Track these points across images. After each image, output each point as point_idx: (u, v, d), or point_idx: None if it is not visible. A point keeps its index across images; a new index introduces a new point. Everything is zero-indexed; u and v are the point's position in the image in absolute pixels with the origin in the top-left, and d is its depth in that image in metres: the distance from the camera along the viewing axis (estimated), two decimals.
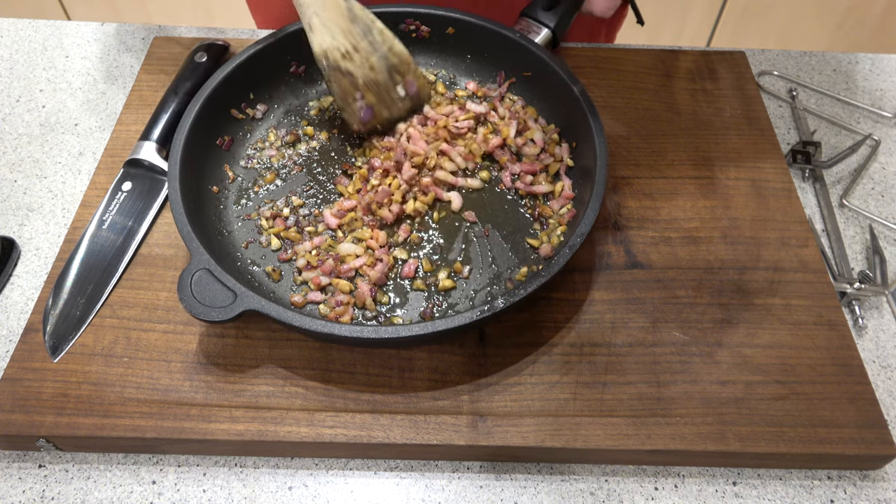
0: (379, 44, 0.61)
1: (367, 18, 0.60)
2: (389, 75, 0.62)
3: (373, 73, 0.60)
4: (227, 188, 0.63)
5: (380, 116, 0.63)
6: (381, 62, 0.61)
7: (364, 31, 0.60)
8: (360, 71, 0.60)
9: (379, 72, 0.61)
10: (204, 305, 0.50)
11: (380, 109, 0.62)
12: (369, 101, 0.61)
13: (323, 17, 0.59)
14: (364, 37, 0.60)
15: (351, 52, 0.59)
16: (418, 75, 0.64)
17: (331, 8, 0.59)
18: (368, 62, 0.60)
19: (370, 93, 0.61)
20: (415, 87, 0.64)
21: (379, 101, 0.62)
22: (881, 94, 0.78)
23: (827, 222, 0.67)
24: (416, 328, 0.50)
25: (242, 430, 0.51)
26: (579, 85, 0.62)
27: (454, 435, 0.51)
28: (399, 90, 0.62)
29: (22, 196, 0.67)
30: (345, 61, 0.59)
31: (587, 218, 0.55)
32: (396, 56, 0.62)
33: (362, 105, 0.61)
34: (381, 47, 0.61)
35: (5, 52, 0.80)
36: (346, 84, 0.60)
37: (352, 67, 0.59)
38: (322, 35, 0.59)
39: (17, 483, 0.52)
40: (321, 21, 0.59)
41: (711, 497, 0.52)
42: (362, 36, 0.60)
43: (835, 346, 0.56)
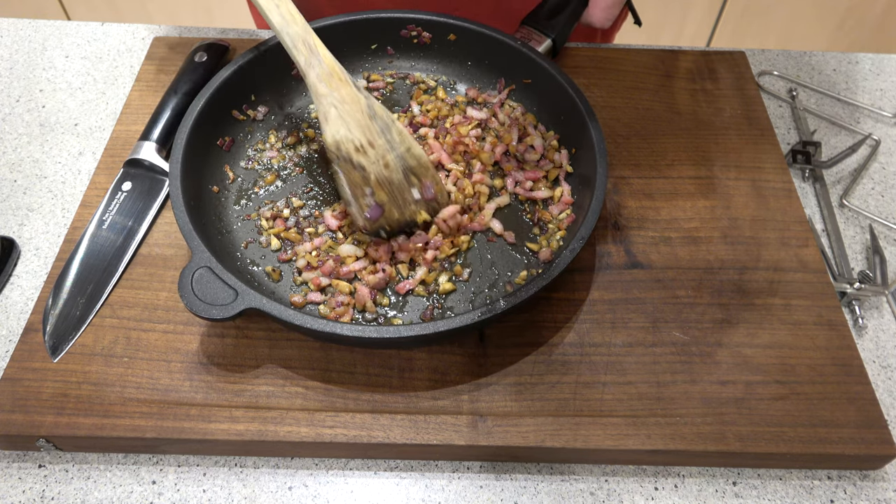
0: (397, 143, 0.58)
1: (387, 118, 0.58)
2: (405, 176, 0.58)
3: (387, 171, 0.57)
4: (228, 188, 0.63)
5: (390, 216, 0.58)
6: (397, 161, 0.57)
7: (383, 128, 0.57)
8: (373, 167, 0.56)
9: (394, 171, 0.57)
10: (205, 303, 0.50)
11: (390, 209, 0.58)
12: (380, 199, 0.57)
13: (341, 109, 0.57)
14: (382, 134, 0.57)
15: (366, 146, 0.56)
16: (436, 180, 0.60)
17: (350, 102, 0.57)
18: (384, 160, 0.57)
19: (382, 191, 0.57)
20: (432, 192, 0.59)
21: (391, 201, 0.58)
22: (881, 94, 0.79)
23: (827, 222, 0.67)
24: (418, 328, 0.50)
25: (242, 430, 0.51)
26: (579, 93, 0.63)
27: (454, 435, 0.51)
28: (414, 192, 0.58)
29: (22, 196, 0.67)
30: (358, 155, 0.56)
31: (588, 222, 0.55)
32: (415, 158, 0.58)
33: (371, 202, 0.57)
34: (398, 147, 0.58)
35: (5, 52, 0.80)
36: (356, 178, 0.57)
37: (365, 162, 0.56)
38: (337, 126, 0.56)
39: (17, 483, 0.52)
40: (338, 112, 0.56)
41: (711, 497, 0.52)
42: (380, 133, 0.57)
43: (835, 346, 0.56)
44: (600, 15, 0.70)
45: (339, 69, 0.58)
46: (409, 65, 0.73)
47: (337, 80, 0.57)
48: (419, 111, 0.69)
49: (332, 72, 0.57)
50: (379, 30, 0.70)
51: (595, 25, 0.71)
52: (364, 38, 0.71)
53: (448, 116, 0.68)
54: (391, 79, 0.72)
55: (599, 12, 0.70)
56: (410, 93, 0.71)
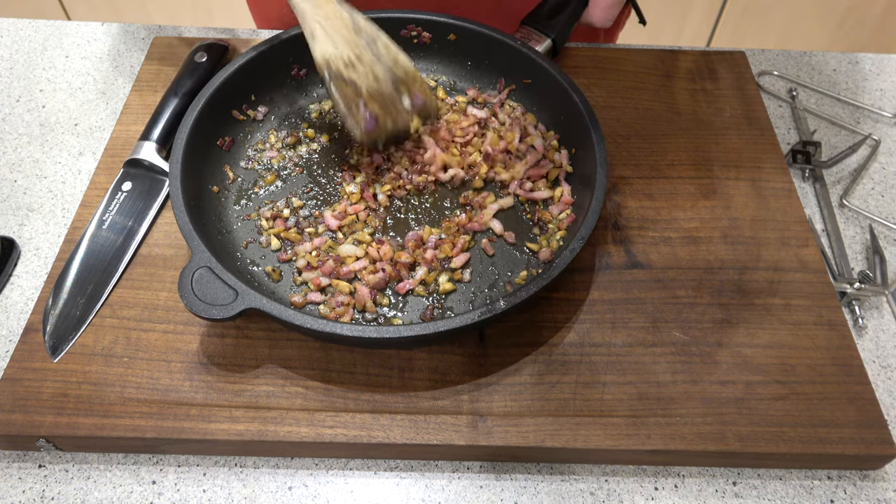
0: (383, 55, 0.59)
1: (371, 31, 0.60)
2: (394, 87, 0.60)
3: (377, 83, 0.59)
4: (228, 188, 0.63)
5: (384, 126, 0.61)
6: (385, 73, 0.59)
7: (368, 42, 0.59)
8: (363, 80, 0.59)
9: (383, 82, 0.59)
10: (205, 303, 0.50)
11: (384, 119, 0.60)
12: (373, 110, 0.59)
13: (326, 26, 0.58)
14: (368, 48, 0.59)
15: (354, 61, 0.58)
16: (425, 89, 0.62)
17: (334, 18, 0.58)
18: (372, 72, 0.59)
19: (374, 102, 0.59)
20: (421, 100, 0.62)
21: (383, 111, 0.60)
22: (881, 94, 0.79)
23: (827, 222, 0.67)
24: (418, 328, 0.50)
25: (242, 430, 0.51)
26: (579, 93, 0.63)
27: (454, 435, 0.51)
28: (405, 101, 0.61)
29: (22, 196, 0.67)
30: (348, 70, 0.58)
31: (588, 222, 0.55)
32: (402, 69, 0.60)
33: (366, 113, 0.59)
34: (385, 59, 0.59)
35: (5, 52, 0.80)
36: (349, 92, 0.59)
37: (355, 76, 0.58)
38: (325, 43, 0.58)
39: (17, 483, 0.52)
40: (324, 30, 0.58)
41: (711, 497, 0.52)
42: (366, 47, 0.59)
43: (835, 346, 0.56)
44: (600, 15, 0.70)
45: None
46: None
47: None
48: None
49: None
50: None
51: (595, 25, 0.71)
52: None
53: (446, 115, 0.68)
54: None
55: (599, 12, 0.70)
56: None
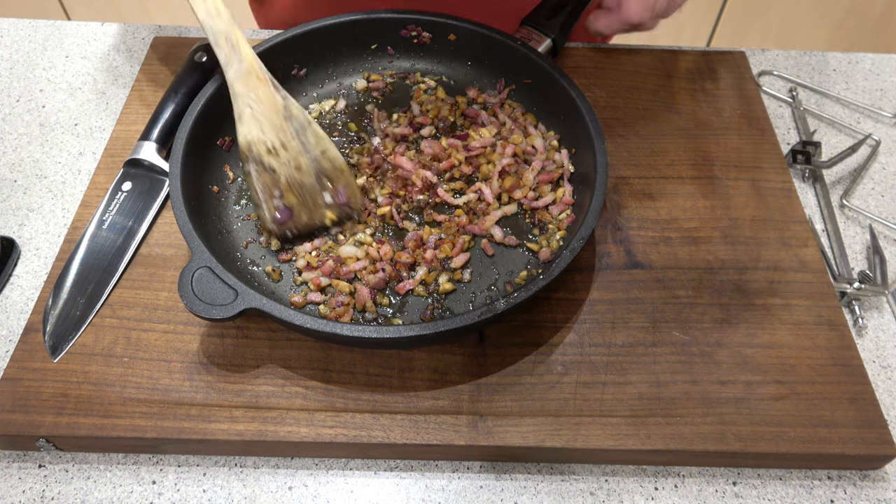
0: (311, 145, 0.58)
1: (303, 119, 0.58)
2: (317, 179, 0.58)
3: (299, 173, 0.58)
4: (228, 188, 0.63)
5: (298, 220, 0.59)
6: (310, 164, 0.58)
7: (298, 129, 0.58)
8: (284, 169, 0.57)
9: (306, 174, 0.58)
10: (205, 303, 0.50)
11: (299, 212, 0.58)
12: (289, 202, 0.58)
13: (255, 109, 0.57)
14: (296, 136, 0.58)
15: (278, 148, 0.57)
16: (350, 185, 0.60)
17: (266, 102, 0.57)
18: (296, 161, 0.57)
19: (291, 193, 0.58)
20: (344, 197, 0.59)
21: (300, 203, 0.58)
22: (881, 94, 0.79)
23: (827, 222, 0.67)
24: (419, 328, 0.50)
25: (242, 430, 0.51)
26: (579, 93, 0.63)
27: (454, 435, 0.51)
28: (326, 196, 0.59)
29: (22, 196, 0.67)
30: (269, 156, 0.57)
31: (588, 222, 0.55)
32: (329, 161, 0.59)
33: (279, 204, 0.57)
34: (313, 149, 0.58)
35: (5, 52, 0.80)
36: (266, 180, 0.57)
37: (276, 164, 0.57)
38: (250, 126, 0.57)
39: (17, 483, 0.52)
40: (252, 112, 0.57)
41: (711, 497, 0.52)
42: (294, 135, 0.57)
43: (835, 346, 0.56)
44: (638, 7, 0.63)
45: (258, 68, 0.58)
46: (409, 65, 0.73)
47: (255, 80, 0.58)
48: (419, 111, 0.69)
49: (250, 70, 0.58)
50: (379, 30, 0.70)
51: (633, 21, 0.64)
52: (364, 38, 0.71)
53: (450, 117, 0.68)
54: (391, 79, 0.72)
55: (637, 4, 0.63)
56: (410, 93, 0.71)
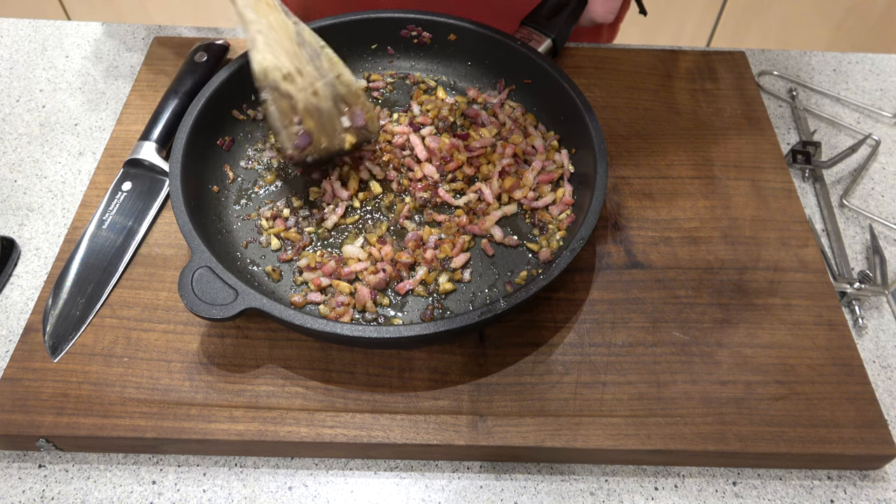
0: (326, 70, 0.57)
1: (316, 44, 0.58)
2: (334, 104, 0.58)
3: (315, 98, 0.56)
4: (228, 188, 0.63)
5: (317, 144, 0.58)
6: (326, 89, 0.57)
7: (311, 55, 0.57)
8: (301, 95, 0.56)
9: (323, 98, 0.57)
10: (205, 303, 0.50)
11: (318, 137, 0.57)
12: (308, 127, 0.57)
13: (268, 36, 0.56)
14: (311, 61, 0.56)
15: (294, 74, 0.56)
16: (367, 108, 0.60)
17: (278, 28, 0.56)
18: (312, 87, 0.56)
19: (310, 118, 0.57)
20: (361, 119, 0.59)
21: (319, 129, 0.57)
22: (881, 94, 0.79)
23: (827, 222, 0.67)
24: (418, 328, 0.50)
25: (242, 430, 0.51)
26: (579, 93, 0.63)
27: (454, 435, 0.51)
28: (344, 120, 0.58)
29: (22, 196, 0.67)
30: (285, 83, 0.55)
31: (588, 222, 0.55)
32: (345, 85, 0.58)
33: (300, 129, 0.56)
34: (328, 74, 0.57)
35: (5, 52, 0.80)
36: (284, 106, 0.56)
37: (292, 90, 0.56)
38: (264, 53, 0.56)
39: (17, 483, 0.52)
40: (265, 40, 0.56)
41: (711, 497, 0.52)
42: (308, 60, 0.56)
43: (835, 346, 0.56)
44: (601, 9, 0.69)
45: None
46: (409, 65, 0.73)
47: (265, 6, 0.57)
48: (419, 111, 0.69)
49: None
50: (379, 30, 0.70)
51: (598, 21, 0.70)
52: (364, 38, 0.71)
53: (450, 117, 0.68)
54: (391, 79, 0.72)
55: (600, 6, 0.69)
56: (410, 93, 0.71)
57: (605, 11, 0.69)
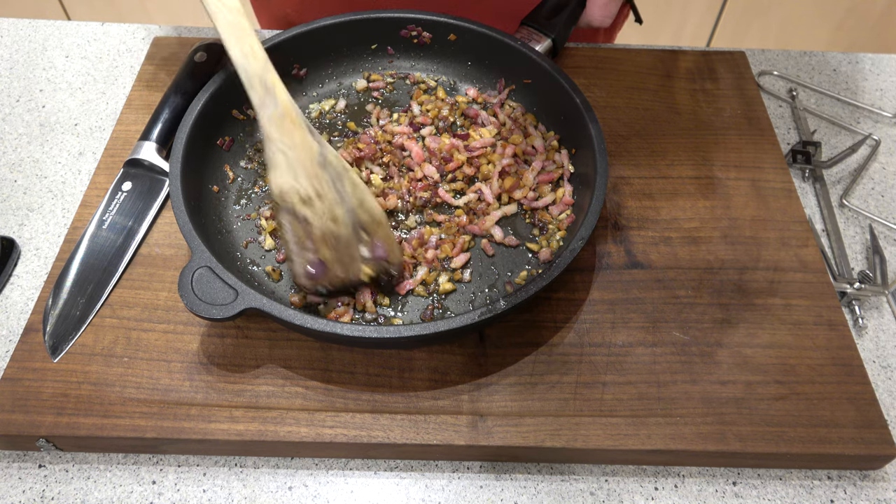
0: (348, 195, 0.54)
1: (340, 167, 0.54)
2: (354, 231, 0.54)
3: (334, 225, 0.53)
4: (228, 188, 0.63)
5: (332, 275, 0.54)
6: (346, 216, 0.54)
7: (334, 178, 0.54)
8: (318, 221, 0.53)
9: (342, 225, 0.53)
10: (205, 303, 0.50)
11: (334, 267, 0.54)
12: (322, 256, 0.53)
13: (290, 155, 0.53)
14: (332, 185, 0.53)
15: (313, 197, 0.53)
16: (388, 238, 0.56)
17: (301, 148, 0.53)
18: (331, 213, 0.53)
19: (326, 247, 0.53)
20: (382, 251, 0.55)
21: (334, 258, 0.54)
22: (881, 94, 0.79)
23: (827, 222, 0.67)
24: (418, 328, 0.50)
25: (242, 430, 0.51)
26: (579, 93, 0.63)
27: (454, 435, 0.51)
28: (363, 250, 0.54)
29: (22, 196, 0.67)
30: (303, 206, 0.52)
31: (588, 222, 0.55)
32: (367, 212, 0.55)
33: (313, 258, 0.53)
34: (350, 199, 0.54)
35: (5, 52, 0.80)
36: (299, 231, 0.53)
37: (310, 215, 0.53)
38: (284, 174, 0.53)
39: (17, 483, 0.52)
40: (286, 159, 0.53)
41: (711, 497, 0.52)
42: (330, 184, 0.53)
43: (835, 346, 0.56)
44: (598, 13, 0.70)
45: (294, 112, 0.54)
46: (409, 65, 0.73)
47: (290, 124, 0.54)
48: (419, 111, 0.69)
49: (285, 114, 0.54)
50: (379, 30, 0.70)
51: (594, 25, 0.71)
52: (364, 38, 0.71)
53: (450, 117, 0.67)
54: (391, 79, 0.72)
55: (598, 10, 0.69)
56: (410, 93, 0.71)
57: (602, 16, 0.69)
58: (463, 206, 0.62)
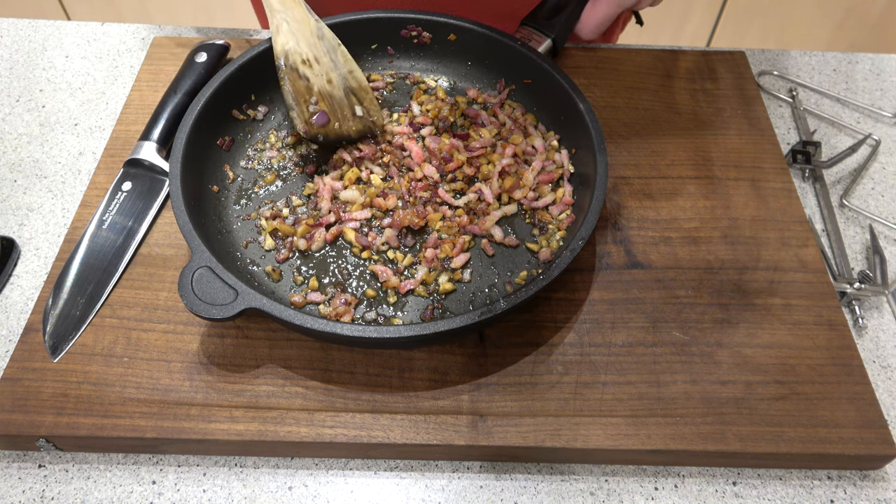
0: (341, 64, 0.63)
1: (333, 40, 0.64)
2: (346, 95, 0.63)
3: (329, 86, 0.62)
4: (228, 188, 0.63)
5: (330, 126, 0.63)
6: (339, 80, 0.63)
7: (328, 48, 0.63)
8: (317, 80, 0.62)
9: (336, 87, 0.63)
10: (205, 303, 0.50)
11: (331, 120, 0.63)
12: (322, 108, 0.62)
13: (292, 24, 0.62)
14: (327, 53, 0.63)
15: (312, 60, 0.62)
16: (373, 102, 0.65)
17: (300, 20, 0.62)
18: (327, 75, 0.62)
19: (324, 102, 0.62)
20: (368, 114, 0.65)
21: (330, 112, 0.63)
22: (881, 94, 0.79)
23: (827, 222, 0.67)
24: (418, 328, 0.50)
25: (242, 430, 0.51)
26: (579, 93, 0.63)
27: (454, 435, 0.51)
28: (357, 109, 0.64)
29: (22, 196, 0.67)
30: (304, 66, 0.61)
31: (588, 222, 0.55)
32: (356, 80, 0.64)
33: (316, 109, 0.62)
34: (342, 67, 0.63)
35: (5, 52, 0.80)
36: (300, 87, 0.62)
37: (310, 74, 0.62)
38: (287, 37, 0.62)
39: (17, 483, 0.52)
40: (289, 27, 0.62)
41: (711, 497, 0.52)
42: (325, 52, 0.63)
43: (835, 346, 0.56)
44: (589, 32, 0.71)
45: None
46: (409, 65, 0.73)
47: (291, 1, 0.63)
48: (419, 111, 0.69)
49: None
50: (379, 30, 0.70)
51: (583, 37, 0.72)
52: (364, 38, 0.71)
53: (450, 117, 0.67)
54: (391, 79, 0.72)
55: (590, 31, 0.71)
56: (410, 93, 0.71)
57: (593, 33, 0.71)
58: (463, 206, 0.62)
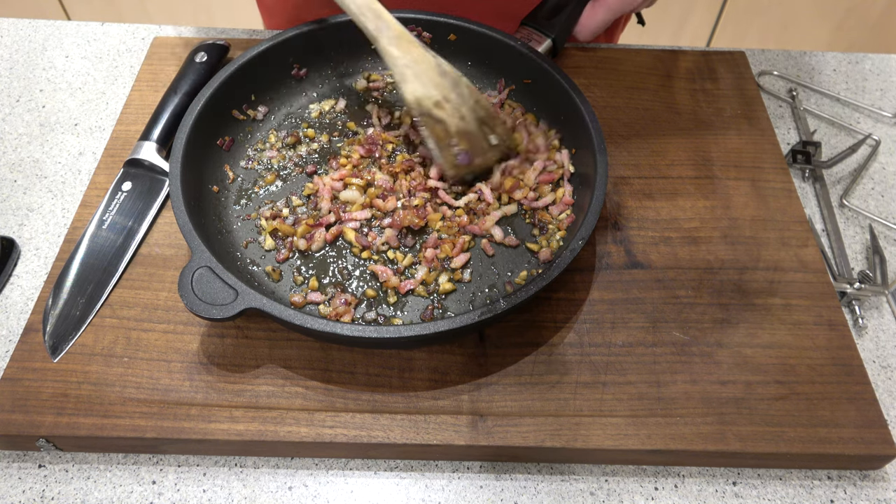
0: (466, 96, 0.61)
1: (454, 74, 0.61)
2: (478, 126, 0.61)
3: (463, 122, 0.60)
4: (228, 188, 0.63)
5: (472, 163, 0.62)
6: (470, 114, 0.61)
7: (452, 84, 0.60)
8: (452, 120, 0.60)
9: (469, 122, 0.61)
10: (205, 303, 0.50)
11: (472, 157, 0.62)
12: (464, 148, 0.61)
13: (415, 69, 0.60)
14: (453, 89, 0.60)
15: (442, 102, 0.60)
16: (505, 127, 0.64)
17: (422, 62, 0.60)
18: (459, 112, 0.60)
19: (463, 140, 0.61)
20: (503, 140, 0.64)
21: (472, 149, 0.61)
22: (881, 94, 0.79)
23: (827, 222, 0.67)
24: (418, 328, 0.50)
25: (242, 430, 0.51)
26: (579, 93, 0.63)
27: (454, 435, 0.51)
28: (492, 139, 0.62)
29: (22, 196, 0.67)
30: (437, 109, 0.60)
31: (588, 222, 0.55)
32: (483, 109, 0.62)
33: (459, 151, 0.61)
34: (468, 100, 0.61)
35: (5, 52, 0.80)
36: (439, 131, 0.60)
37: (443, 115, 0.60)
38: (415, 85, 0.60)
39: (17, 483, 0.52)
40: (414, 73, 0.60)
41: (711, 497, 0.52)
42: (451, 89, 0.60)
43: (835, 346, 0.56)
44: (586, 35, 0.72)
45: (405, 31, 0.61)
46: None
47: (406, 42, 0.60)
48: None
49: (401, 34, 0.60)
50: None
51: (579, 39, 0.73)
52: (364, 38, 0.71)
53: None
54: (391, 79, 0.72)
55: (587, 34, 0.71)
56: None
57: (588, 35, 0.72)
58: (463, 206, 0.62)
